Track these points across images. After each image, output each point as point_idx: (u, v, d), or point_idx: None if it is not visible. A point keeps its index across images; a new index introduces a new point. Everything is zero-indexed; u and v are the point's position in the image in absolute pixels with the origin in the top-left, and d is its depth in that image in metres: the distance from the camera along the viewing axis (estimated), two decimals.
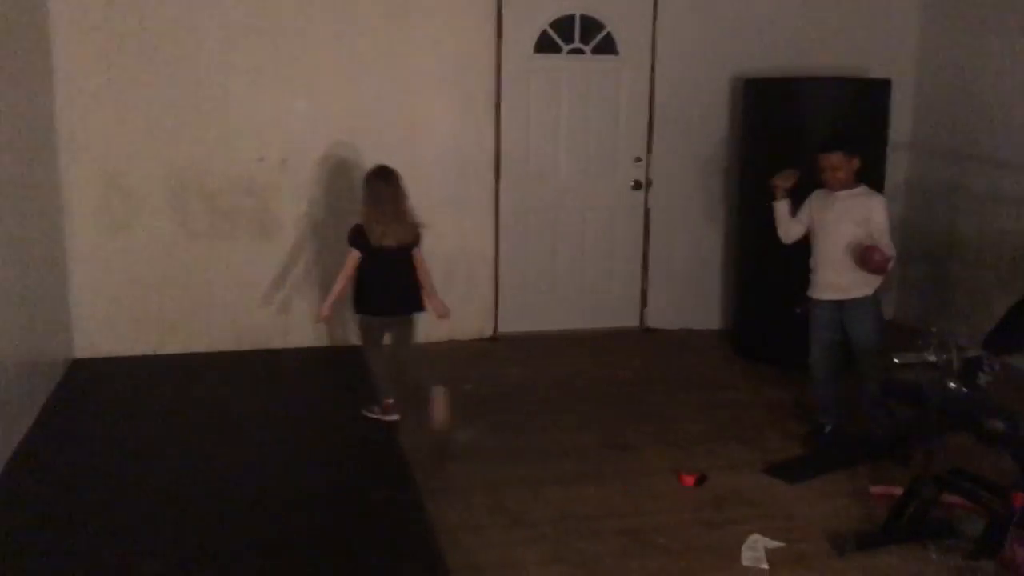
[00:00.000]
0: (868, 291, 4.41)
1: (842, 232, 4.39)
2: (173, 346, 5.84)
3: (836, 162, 4.38)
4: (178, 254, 5.79)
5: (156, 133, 5.63)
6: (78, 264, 5.65)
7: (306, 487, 4.11)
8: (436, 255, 6.14)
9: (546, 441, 4.66)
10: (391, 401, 4.85)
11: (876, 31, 6.55)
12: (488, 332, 6.39)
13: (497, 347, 6.27)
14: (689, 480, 4.14)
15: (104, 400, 5.18)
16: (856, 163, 4.41)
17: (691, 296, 6.65)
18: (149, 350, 5.81)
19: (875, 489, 4.04)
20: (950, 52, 6.35)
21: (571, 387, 5.49)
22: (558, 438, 4.70)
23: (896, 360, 3.58)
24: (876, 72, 6.30)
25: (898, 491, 3.72)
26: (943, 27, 6.40)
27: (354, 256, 4.69)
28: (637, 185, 6.47)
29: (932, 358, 3.51)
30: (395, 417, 4.83)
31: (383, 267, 4.69)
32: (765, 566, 3.47)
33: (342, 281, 4.73)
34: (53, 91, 5.42)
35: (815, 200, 4.57)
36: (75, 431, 4.69)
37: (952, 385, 3.37)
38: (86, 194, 5.60)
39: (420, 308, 4.90)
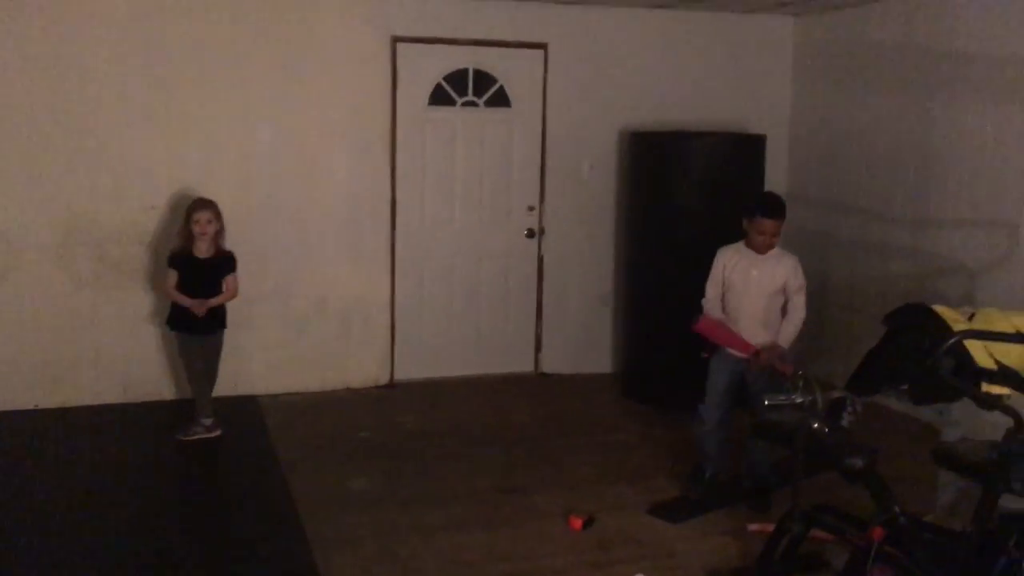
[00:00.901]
0: None
1: (765, 291, 4.49)
2: (57, 400, 5.69)
3: (774, 228, 4.45)
4: (63, 304, 5.67)
5: (41, 181, 5.55)
6: None
7: (195, 537, 4.07)
8: (332, 302, 6.21)
9: (439, 487, 4.72)
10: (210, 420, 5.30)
11: (754, 90, 6.90)
12: (384, 379, 6.43)
13: (393, 394, 6.31)
14: (577, 523, 4.25)
15: None
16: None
17: (584, 341, 6.83)
18: (30, 404, 5.65)
19: (752, 527, 4.22)
20: (820, 110, 6.75)
21: (466, 433, 5.57)
22: (451, 484, 4.76)
23: (766, 401, 3.76)
24: (753, 128, 6.66)
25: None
26: (814, 87, 6.81)
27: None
28: (530, 233, 6.65)
29: (799, 399, 3.71)
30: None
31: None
32: None
33: None
34: None
35: (729, 259, 4.57)
36: None
37: (816, 425, 3.56)
38: None
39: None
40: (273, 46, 5.89)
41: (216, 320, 5.36)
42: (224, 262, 5.36)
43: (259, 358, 6.09)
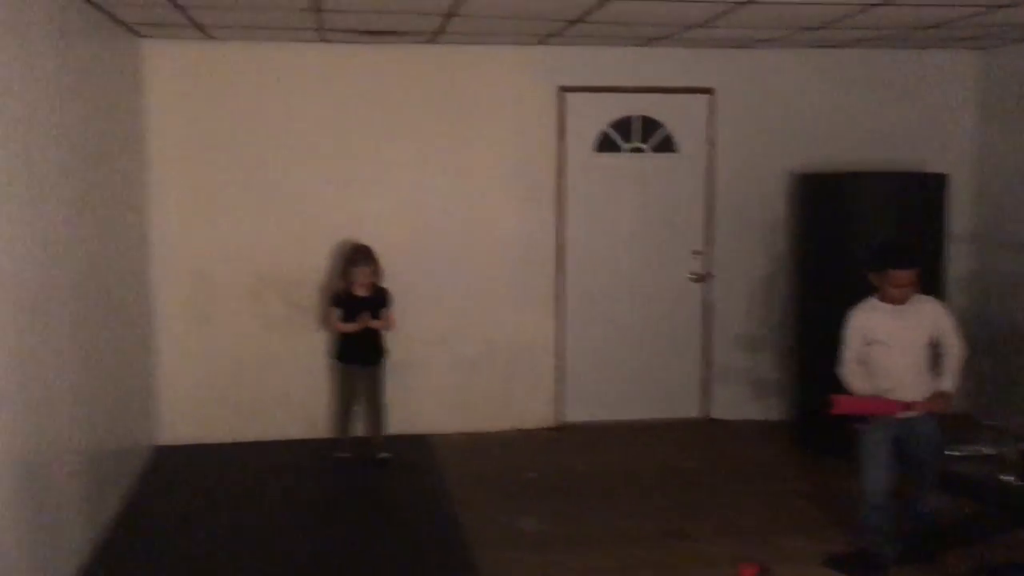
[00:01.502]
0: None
1: (917, 344, 4.18)
2: (250, 434, 6.11)
3: (910, 279, 4.12)
4: (255, 345, 6.10)
5: (238, 232, 6.02)
6: (164, 355, 6.00)
7: (368, 570, 4.26)
8: (500, 345, 6.38)
9: (607, 530, 4.74)
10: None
11: (932, 127, 6.63)
12: (552, 421, 6.53)
13: (561, 436, 6.39)
14: (749, 572, 4.17)
15: (184, 486, 5.44)
16: None
17: (753, 387, 6.70)
18: (228, 438, 6.09)
19: None
20: (1012, 146, 6.40)
21: (634, 476, 5.57)
22: (619, 527, 4.78)
23: (952, 453, 3.60)
24: (933, 167, 6.40)
25: None
26: (1004, 123, 6.45)
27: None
28: (697, 277, 6.62)
29: (988, 451, 3.54)
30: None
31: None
32: None
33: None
34: (148, 197, 5.86)
35: (866, 320, 4.24)
36: (158, 515, 4.94)
37: (1007, 478, 3.39)
38: (174, 289, 5.98)
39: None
40: (445, 100, 6.19)
41: (377, 351, 5.78)
42: (381, 299, 5.74)
43: (430, 398, 6.33)
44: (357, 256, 5.71)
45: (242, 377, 6.11)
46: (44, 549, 3.76)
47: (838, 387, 5.53)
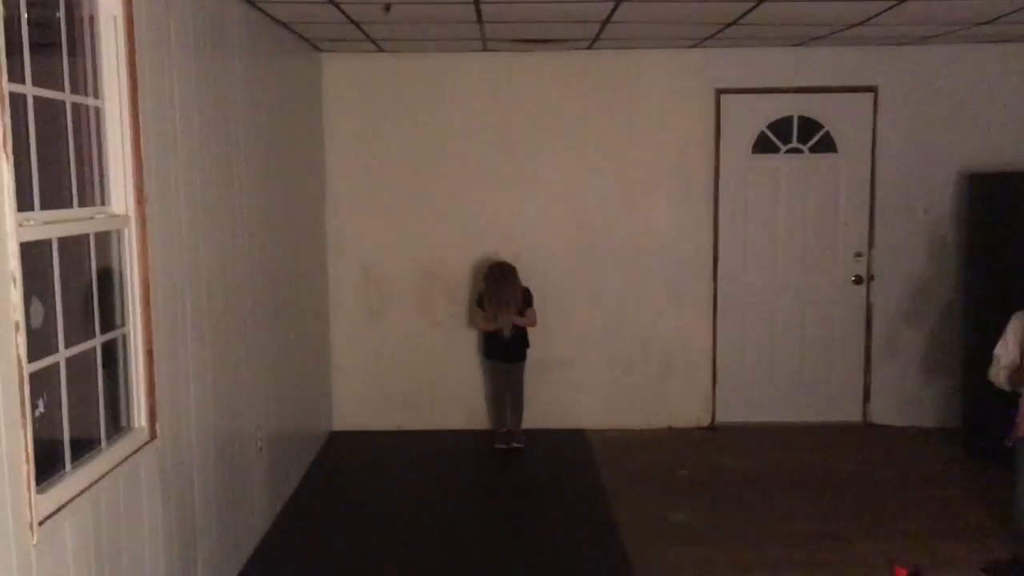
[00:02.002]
0: None
1: None
2: (414, 423, 6.48)
3: None
4: (420, 340, 6.46)
5: (406, 233, 6.40)
6: (338, 347, 6.45)
7: (523, 557, 4.48)
8: (655, 344, 6.49)
9: (758, 528, 4.77)
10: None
11: None
12: (706, 421, 6.57)
13: (714, 435, 6.42)
14: (902, 573, 4.12)
15: (356, 467, 5.85)
16: None
17: (918, 393, 6.51)
18: (394, 426, 6.48)
19: None
20: None
21: (788, 477, 5.55)
22: (770, 525, 4.80)
23: None
24: None
25: None
26: None
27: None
28: (858, 280, 6.50)
29: None
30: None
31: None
32: None
33: None
34: (325, 199, 6.33)
35: None
36: (332, 491, 5.35)
37: None
38: (348, 286, 6.43)
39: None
40: (603, 104, 6.35)
41: (519, 348, 6.10)
42: (523, 298, 6.01)
43: (587, 394, 6.51)
44: (498, 285, 5.96)
45: (408, 370, 6.48)
46: (234, 516, 4.18)
47: (1007, 394, 5.30)
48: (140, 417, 3.26)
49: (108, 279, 3.15)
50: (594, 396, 6.53)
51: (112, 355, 3.16)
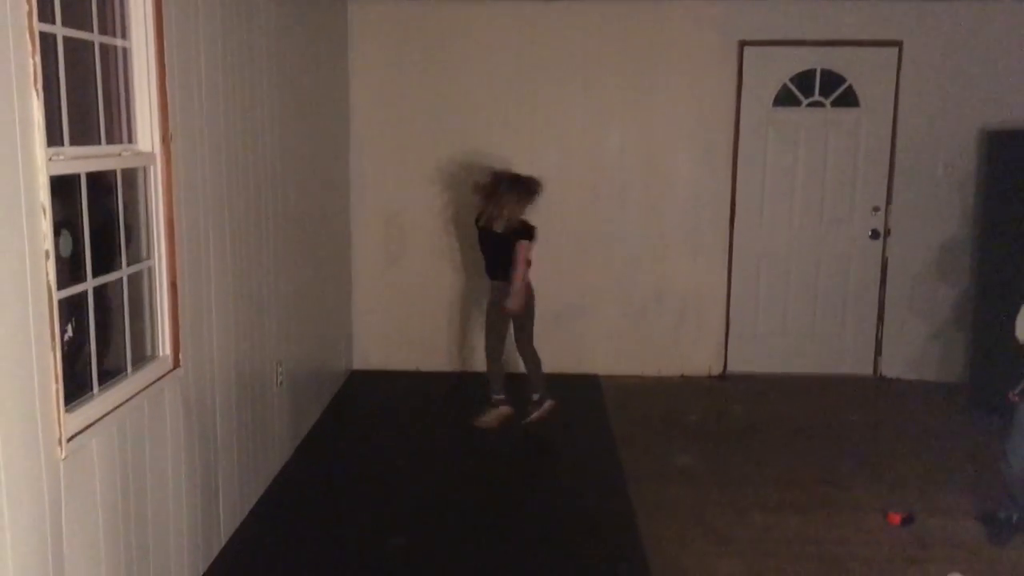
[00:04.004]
0: None
1: None
2: (432, 365, 6.66)
3: None
4: (440, 284, 6.61)
5: (426, 178, 6.51)
6: (360, 289, 6.62)
7: (530, 494, 4.66)
8: (670, 294, 6.59)
9: (759, 473, 4.91)
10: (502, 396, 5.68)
11: None
12: (717, 370, 6.69)
13: (725, 385, 6.55)
14: (896, 518, 4.25)
15: (375, 405, 6.05)
16: None
17: (929, 347, 6.58)
18: (412, 366, 6.66)
19: None
20: None
21: (793, 425, 5.67)
22: (772, 471, 4.93)
23: None
24: None
25: None
26: None
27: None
28: (875, 234, 6.54)
29: None
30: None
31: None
32: None
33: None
34: (349, 147, 6.45)
35: None
36: (352, 427, 5.57)
37: None
38: (369, 229, 6.57)
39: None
40: (625, 55, 6.39)
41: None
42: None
43: (601, 342, 6.64)
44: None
45: (427, 313, 6.64)
46: (255, 444, 4.39)
47: (1019, 351, 5.32)
48: (164, 346, 3.44)
49: (134, 214, 3.30)
50: (608, 343, 6.66)
51: (138, 287, 3.33)
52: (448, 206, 6.55)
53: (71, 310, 2.85)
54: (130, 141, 3.26)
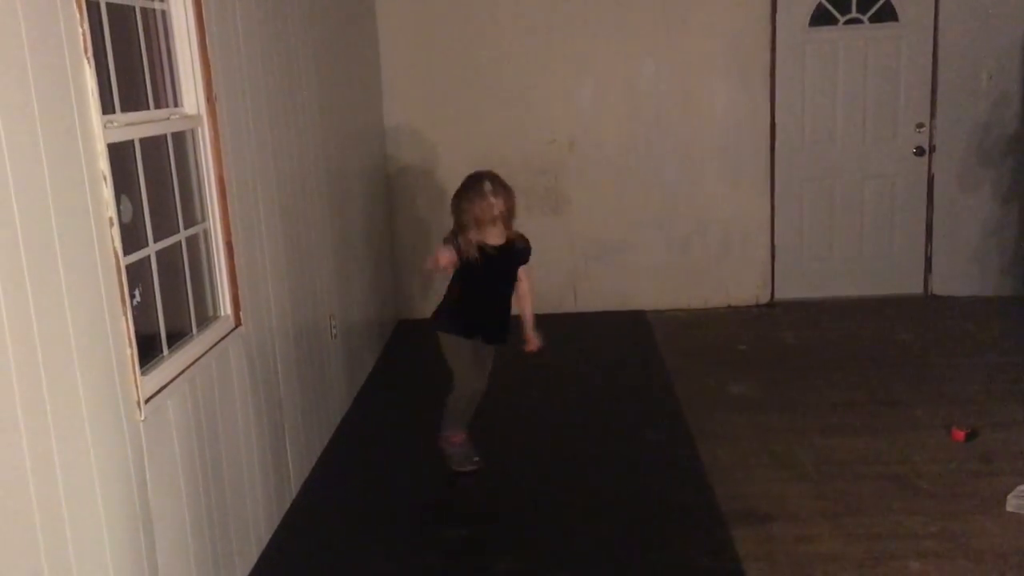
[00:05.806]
0: None
1: None
2: None
3: None
4: None
5: (461, 123, 6.47)
6: (402, 239, 6.63)
7: (591, 426, 4.71)
8: (713, 224, 6.55)
9: (816, 397, 4.91)
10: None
11: None
12: (765, 298, 6.66)
13: (773, 312, 6.52)
14: (959, 434, 4.24)
15: (425, 353, 6.06)
16: None
17: (979, 263, 6.49)
18: None
19: None
20: None
21: (846, 349, 5.65)
22: (828, 395, 4.93)
23: None
24: None
25: None
26: None
27: None
28: (919, 151, 6.42)
29: None
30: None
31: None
32: None
33: None
34: (382, 94, 6.41)
35: None
36: (405, 374, 5.64)
37: None
38: (408, 178, 6.56)
39: None
40: None
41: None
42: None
43: (645, 276, 6.62)
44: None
45: None
46: (316, 396, 4.46)
47: None
48: (225, 306, 3.48)
49: (186, 177, 3.33)
50: (653, 278, 6.64)
51: (195, 250, 3.36)
52: (485, 149, 6.50)
53: (136, 275, 2.89)
54: (176, 105, 3.27)
